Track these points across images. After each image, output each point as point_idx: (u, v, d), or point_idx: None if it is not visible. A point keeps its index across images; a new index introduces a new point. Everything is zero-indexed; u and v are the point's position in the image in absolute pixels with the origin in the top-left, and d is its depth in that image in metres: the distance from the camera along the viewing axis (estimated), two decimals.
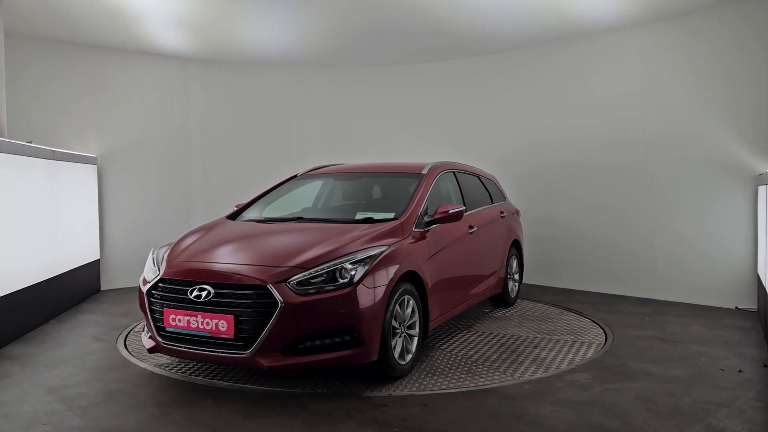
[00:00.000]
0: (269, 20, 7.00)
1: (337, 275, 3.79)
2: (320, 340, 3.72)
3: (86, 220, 7.10)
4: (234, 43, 7.83)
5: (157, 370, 4.36)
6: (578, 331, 5.41)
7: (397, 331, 4.10)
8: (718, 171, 6.46)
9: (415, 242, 4.44)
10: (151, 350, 4.07)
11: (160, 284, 4.03)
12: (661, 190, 6.88)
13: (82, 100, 7.71)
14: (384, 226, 4.36)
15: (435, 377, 4.19)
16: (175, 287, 3.95)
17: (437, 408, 3.62)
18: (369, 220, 4.55)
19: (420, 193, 4.85)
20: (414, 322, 4.29)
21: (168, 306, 3.91)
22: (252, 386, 4.00)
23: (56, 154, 6.11)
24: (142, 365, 4.48)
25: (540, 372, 4.28)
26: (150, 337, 4.10)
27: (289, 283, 3.71)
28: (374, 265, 3.90)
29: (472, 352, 4.80)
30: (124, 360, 4.64)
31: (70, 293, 6.49)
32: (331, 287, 3.74)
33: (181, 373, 4.29)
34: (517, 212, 6.98)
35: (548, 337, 5.24)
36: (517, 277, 6.74)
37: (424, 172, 5.18)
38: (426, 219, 4.68)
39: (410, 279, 4.27)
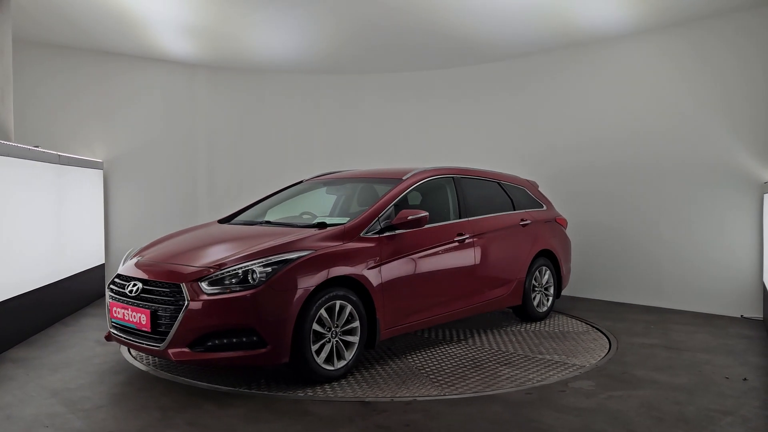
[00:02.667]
0: (276, 27, 7.04)
1: (249, 277, 3.90)
2: (226, 338, 3.85)
3: (91, 224, 7.13)
4: (241, 50, 7.88)
5: (160, 373, 4.37)
6: (576, 353, 4.95)
7: (325, 336, 4.12)
8: (723, 179, 6.44)
9: (360, 248, 4.41)
10: (106, 338, 4.47)
11: (115, 279, 4.42)
12: (666, 198, 6.86)
13: (89, 105, 7.77)
14: (326, 231, 4.42)
15: (364, 384, 4.14)
16: (121, 282, 4.32)
17: (439, 414, 3.61)
18: (322, 225, 4.59)
19: (383, 199, 4.83)
20: (354, 329, 4.28)
21: (113, 299, 4.32)
22: (254, 391, 4.00)
23: (62, 159, 6.15)
24: (145, 369, 4.49)
25: (471, 391, 4.03)
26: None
27: (201, 282, 3.90)
28: (289, 268, 3.97)
29: (431, 364, 4.65)
30: (128, 364, 4.64)
31: (74, 297, 6.51)
32: (238, 288, 3.87)
33: (184, 377, 4.30)
34: (558, 220, 6.56)
35: (536, 356, 4.88)
36: (551, 290, 6.29)
37: (404, 178, 5.16)
38: (382, 225, 4.65)
39: (352, 285, 4.28)
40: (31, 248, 5.43)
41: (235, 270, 3.94)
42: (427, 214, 4.76)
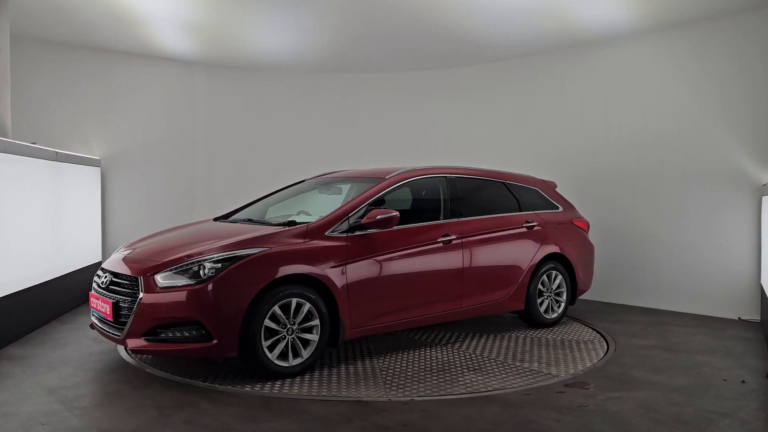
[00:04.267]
0: (275, 25, 7.02)
1: (200, 272, 4.04)
2: (178, 331, 4.01)
3: (89, 221, 7.11)
4: (239, 48, 7.86)
5: (157, 372, 4.35)
6: (558, 362, 4.71)
7: (280, 333, 4.15)
8: (722, 181, 6.44)
9: (324, 246, 4.42)
10: (90, 326, 4.65)
11: (98, 271, 4.65)
12: (665, 200, 6.86)
13: (87, 103, 7.75)
14: (288, 229, 4.48)
15: (312, 383, 4.13)
16: (100, 274, 4.57)
17: (438, 414, 3.60)
18: (291, 224, 4.63)
19: (357, 199, 4.82)
20: (314, 327, 4.29)
21: (92, 290, 4.58)
22: (251, 390, 3.99)
23: (60, 156, 6.12)
24: (143, 367, 4.47)
25: (427, 395, 3.93)
26: None
27: (156, 276, 4.08)
28: (238, 265, 4.06)
29: (397, 365, 4.59)
30: (124, 362, 4.63)
31: (71, 295, 6.49)
32: (188, 283, 4.01)
33: (181, 376, 4.28)
34: (576, 222, 6.24)
35: (514, 363, 4.69)
36: (563, 296, 6.01)
37: (386, 177, 5.13)
38: (351, 224, 4.63)
39: (314, 283, 4.31)
40: (28, 245, 5.41)
41: (188, 265, 4.08)
42: (398, 213, 4.68)
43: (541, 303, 5.86)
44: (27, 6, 6.27)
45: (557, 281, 5.98)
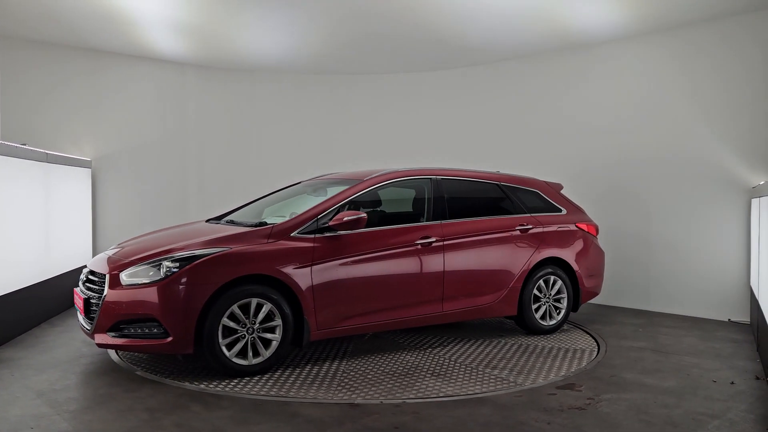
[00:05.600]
0: (267, 26, 7.01)
1: (160, 271, 4.18)
2: (139, 327, 4.16)
3: (79, 223, 7.07)
4: (231, 49, 7.84)
5: (147, 375, 4.33)
6: (530, 371, 4.54)
7: (239, 332, 4.23)
8: (711, 183, 6.49)
9: (289, 247, 4.45)
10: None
11: (83, 268, 4.81)
12: (655, 202, 6.90)
13: (78, 104, 7.71)
14: (253, 230, 4.56)
15: (270, 383, 4.16)
16: (83, 271, 4.74)
17: (429, 416, 3.60)
18: (262, 224, 4.71)
19: (329, 201, 4.82)
20: (276, 327, 4.34)
21: (77, 287, 4.74)
22: (243, 392, 3.98)
23: (50, 157, 6.09)
24: (133, 370, 4.45)
25: (356, 398, 3.94)
26: None
27: (121, 274, 4.25)
28: (195, 264, 4.17)
29: (363, 367, 4.54)
30: (115, 365, 4.60)
31: (61, 297, 6.44)
32: (147, 281, 4.17)
33: (172, 378, 4.26)
34: (581, 226, 6.00)
35: (484, 370, 4.57)
36: (563, 302, 5.77)
37: (363, 179, 5.12)
38: (319, 225, 4.64)
39: (278, 284, 4.35)
40: (18, 247, 5.37)
41: (150, 264, 4.23)
42: (365, 215, 4.67)
43: (538, 309, 5.66)
44: (17, 6, 6.23)
45: (556, 287, 5.75)
